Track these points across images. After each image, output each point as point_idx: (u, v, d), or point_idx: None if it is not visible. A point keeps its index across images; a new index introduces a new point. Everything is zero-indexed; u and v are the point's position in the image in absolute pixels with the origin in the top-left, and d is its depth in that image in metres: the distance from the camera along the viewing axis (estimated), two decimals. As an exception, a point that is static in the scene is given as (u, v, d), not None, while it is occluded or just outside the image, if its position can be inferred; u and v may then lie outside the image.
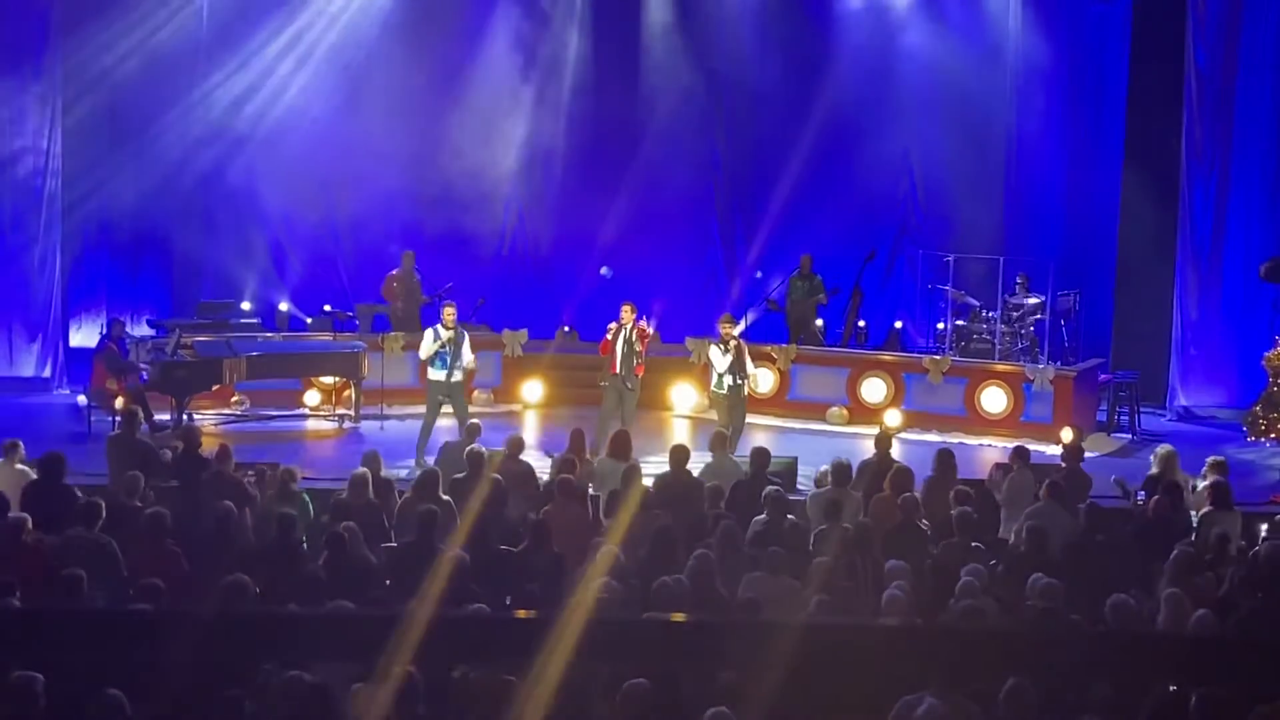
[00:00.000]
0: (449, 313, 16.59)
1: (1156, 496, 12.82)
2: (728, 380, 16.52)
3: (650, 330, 17.15)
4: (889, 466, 13.68)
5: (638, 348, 16.62)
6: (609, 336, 16.71)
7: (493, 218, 22.87)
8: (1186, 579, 10.70)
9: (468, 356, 16.59)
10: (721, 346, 16.61)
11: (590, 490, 13.55)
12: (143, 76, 20.26)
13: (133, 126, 20.58)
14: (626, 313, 16.70)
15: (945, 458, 13.77)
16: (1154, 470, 13.77)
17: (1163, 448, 14.28)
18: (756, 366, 19.62)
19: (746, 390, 16.79)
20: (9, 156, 19.65)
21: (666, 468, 13.70)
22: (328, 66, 21.55)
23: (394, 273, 21.02)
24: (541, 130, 22.59)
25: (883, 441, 14.43)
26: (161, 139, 20.78)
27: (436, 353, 16.43)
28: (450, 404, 16.51)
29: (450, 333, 16.38)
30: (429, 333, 16.66)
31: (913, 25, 22.24)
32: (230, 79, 21.02)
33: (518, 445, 13.99)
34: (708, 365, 16.98)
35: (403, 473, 14.93)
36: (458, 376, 16.51)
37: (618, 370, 16.60)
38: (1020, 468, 13.71)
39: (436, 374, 16.50)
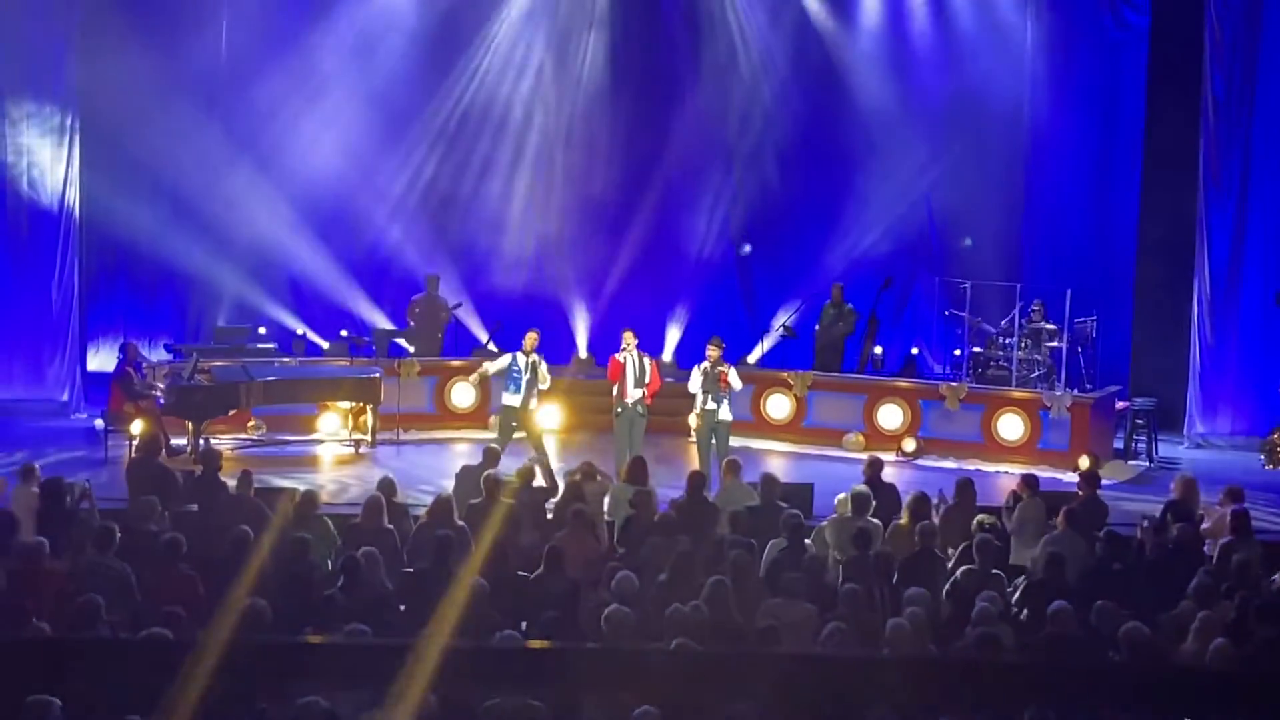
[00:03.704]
0: (531, 337, 16.83)
1: (1180, 524, 12.78)
2: (700, 402, 16.56)
3: (655, 367, 17.16)
4: (883, 493, 13.70)
5: (647, 378, 16.68)
6: (618, 363, 16.76)
7: (511, 243, 22.91)
8: (1208, 607, 10.65)
9: (546, 380, 16.84)
10: (701, 367, 16.64)
11: (606, 515, 13.60)
12: (161, 103, 20.32)
13: (151, 152, 20.64)
14: (629, 338, 16.78)
15: (965, 486, 13.73)
16: (1175, 495, 13.74)
17: (1183, 473, 14.21)
18: (769, 394, 19.71)
19: (724, 415, 16.67)
20: (28, 181, 19.74)
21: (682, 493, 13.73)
22: (346, 94, 21.60)
23: (416, 297, 21.08)
24: (560, 157, 22.64)
25: (873, 467, 14.36)
26: (179, 165, 20.84)
27: (509, 372, 16.64)
28: (525, 430, 16.73)
29: (528, 358, 16.65)
30: (507, 355, 16.95)
31: (929, 52, 22.25)
32: (249, 105, 21.09)
33: (528, 475, 14.01)
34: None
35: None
36: (533, 404, 16.79)
37: (628, 397, 16.66)
38: (1029, 496, 13.66)
39: (510, 398, 16.71)
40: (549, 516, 13.62)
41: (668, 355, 22.15)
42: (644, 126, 22.70)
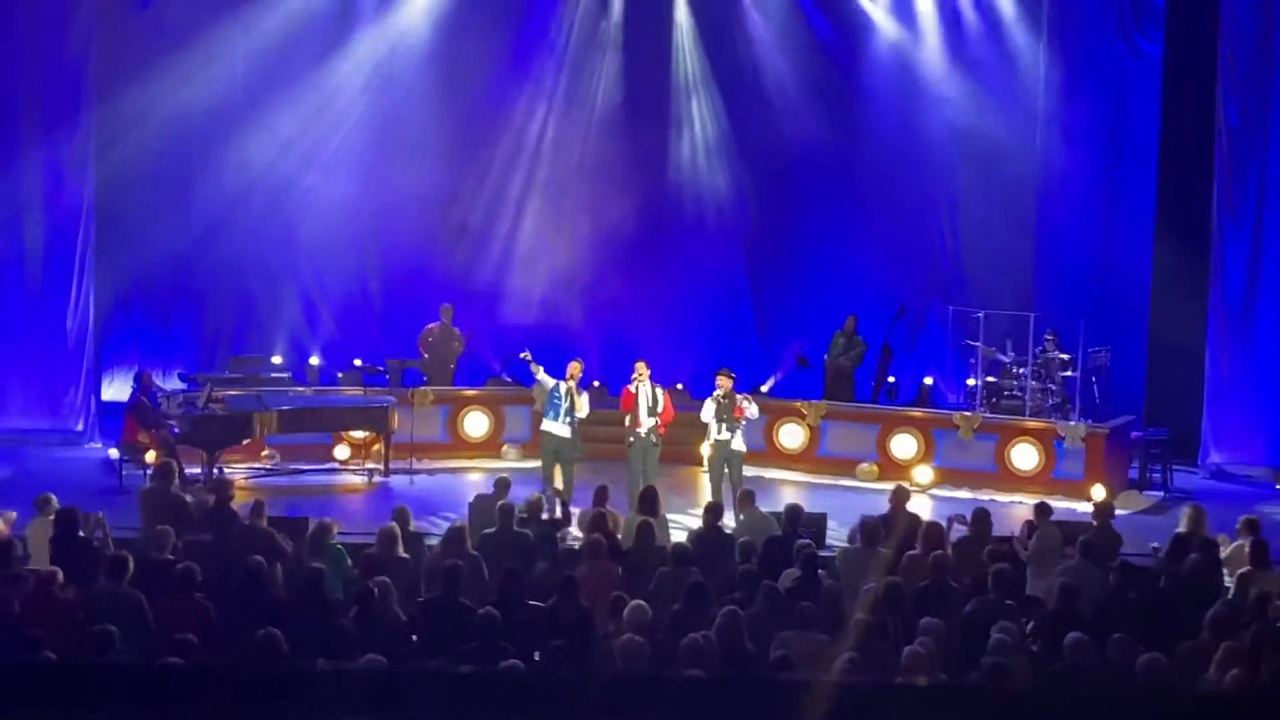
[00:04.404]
0: (574, 367, 16.87)
1: (1194, 555, 12.71)
2: (714, 432, 16.54)
3: (668, 397, 17.18)
4: (906, 522, 13.64)
5: (660, 408, 16.69)
6: (631, 394, 16.79)
7: (524, 272, 22.95)
8: (1225, 638, 10.59)
9: (584, 410, 16.78)
10: (714, 397, 16.62)
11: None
12: (177, 133, 20.44)
13: (166, 183, 20.73)
14: (641, 369, 16.81)
15: (981, 516, 13.69)
16: (1181, 528, 13.64)
17: (1190, 505, 14.17)
18: (782, 423, 19.69)
19: (738, 445, 16.70)
20: (44, 212, 19.78)
21: (698, 523, 13.71)
22: (361, 124, 21.71)
23: (430, 326, 21.11)
24: (573, 186, 22.68)
25: (898, 496, 14.34)
26: (195, 195, 20.95)
27: (550, 398, 16.69)
28: (559, 459, 16.70)
29: (568, 385, 16.64)
30: (552, 379, 16.90)
31: (942, 82, 22.28)
32: (263, 135, 21.16)
33: (537, 505, 14.01)
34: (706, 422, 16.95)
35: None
36: (570, 433, 16.73)
37: (642, 427, 16.66)
38: (1045, 524, 13.61)
39: (549, 424, 16.77)
40: (560, 546, 13.61)
41: (680, 385, 22.12)
42: (656, 155, 22.77)
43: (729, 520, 14.54)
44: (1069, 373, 19.42)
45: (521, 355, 17.56)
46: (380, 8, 21.92)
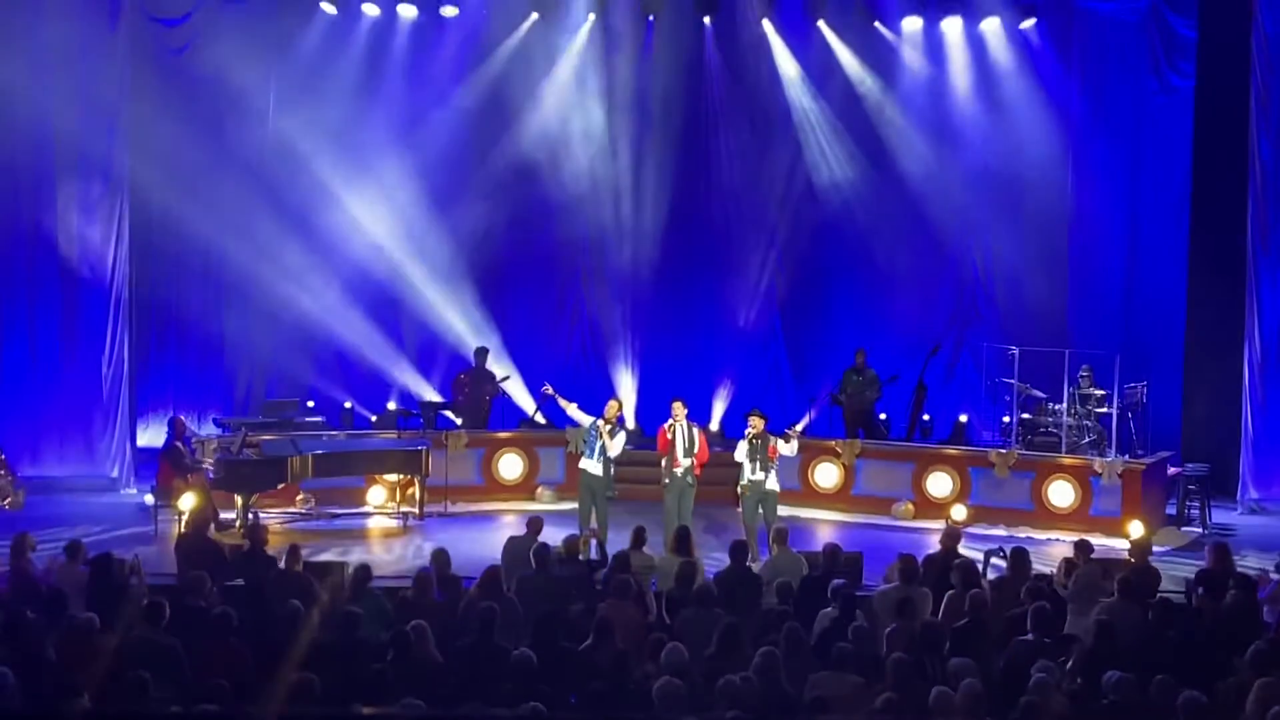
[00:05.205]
0: (613, 406, 16.96)
1: (1233, 591, 12.60)
2: (747, 472, 16.48)
3: (704, 437, 17.13)
4: (944, 563, 13.54)
5: (696, 448, 16.64)
6: (666, 434, 16.74)
7: (556, 312, 23.01)
8: (1265, 675, 10.48)
9: (615, 449, 16.74)
10: (747, 437, 16.57)
11: (655, 586, 13.52)
12: (210, 178, 20.55)
13: (199, 228, 20.81)
14: (679, 409, 16.75)
15: (1020, 555, 13.59)
16: (1207, 565, 13.55)
17: (1214, 542, 14.06)
18: (817, 462, 19.62)
19: (772, 485, 16.63)
20: (79, 259, 19.90)
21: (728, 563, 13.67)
22: (394, 168, 21.76)
23: (464, 372, 21.13)
24: (605, 229, 22.72)
25: (949, 537, 14.27)
26: (227, 239, 21.02)
27: (587, 437, 16.76)
28: (594, 498, 16.70)
29: (607, 425, 16.64)
30: (590, 418, 16.90)
31: (973, 118, 22.28)
32: (297, 182, 21.26)
33: (575, 547, 13.96)
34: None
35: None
36: (603, 472, 16.68)
37: (678, 467, 16.61)
38: (1086, 561, 13.52)
39: (586, 463, 16.79)
40: (598, 588, 13.57)
41: (714, 425, 22.10)
42: (690, 191, 22.81)
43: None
44: (1104, 409, 19.30)
45: (544, 389, 17.62)
46: (412, 52, 22.08)
